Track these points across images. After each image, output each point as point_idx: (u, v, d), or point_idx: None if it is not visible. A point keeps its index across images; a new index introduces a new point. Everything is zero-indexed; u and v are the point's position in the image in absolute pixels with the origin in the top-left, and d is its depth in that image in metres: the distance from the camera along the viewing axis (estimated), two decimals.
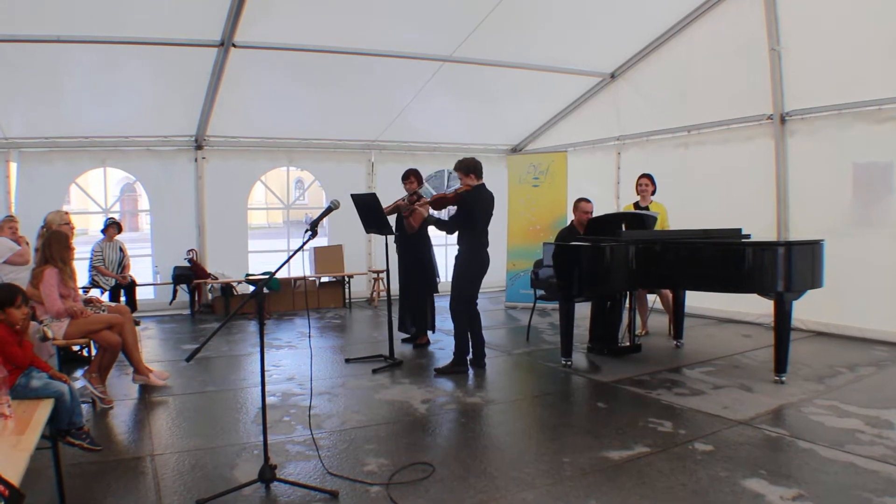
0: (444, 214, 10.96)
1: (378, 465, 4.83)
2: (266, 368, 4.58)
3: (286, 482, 4.40)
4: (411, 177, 8.95)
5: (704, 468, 4.64)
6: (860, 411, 5.87)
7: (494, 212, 7.85)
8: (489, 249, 7.79)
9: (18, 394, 4.34)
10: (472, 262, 7.74)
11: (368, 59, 10.37)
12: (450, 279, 7.98)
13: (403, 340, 9.23)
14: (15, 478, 3.13)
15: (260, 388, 4.48)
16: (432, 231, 8.60)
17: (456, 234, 7.91)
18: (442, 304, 8.08)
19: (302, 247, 4.64)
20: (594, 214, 9.01)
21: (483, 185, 7.79)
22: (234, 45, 9.30)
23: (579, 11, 10.00)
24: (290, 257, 4.71)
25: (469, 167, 7.73)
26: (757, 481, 4.38)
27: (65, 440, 4.52)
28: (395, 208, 8.88)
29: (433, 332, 9.39)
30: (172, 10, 8.54)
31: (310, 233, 4.63)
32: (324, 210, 4.98)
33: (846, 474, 4.51)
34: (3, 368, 4.20)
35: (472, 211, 7.65)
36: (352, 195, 8.13)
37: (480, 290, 7.94)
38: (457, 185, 8.03)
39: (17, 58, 8.88)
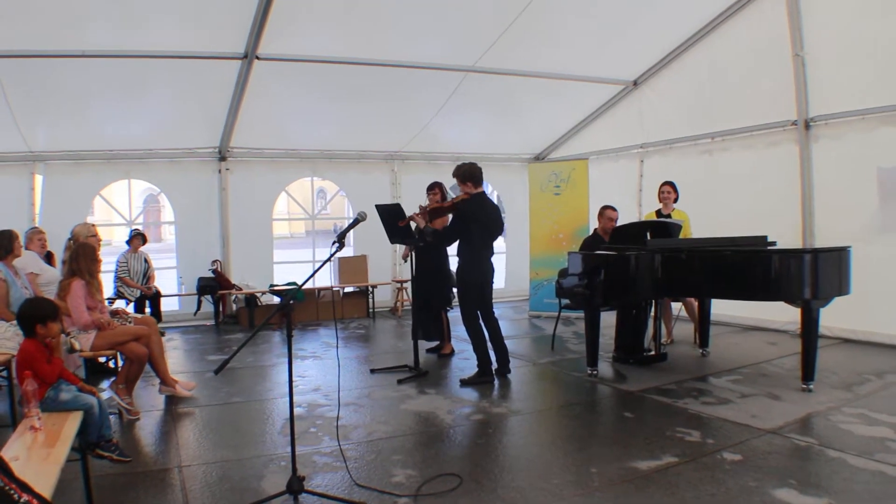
0: None
1: (405, 476, 4.83)
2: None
3: (314, 493, 4.41)
4: (436, 188, 8.90)
5: (734, 478, 4.61)
6: (890, 419, 5.80)
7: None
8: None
9: (48, 406, 4.39)
10: (471, 273, 7.69)
11: (392, 70, 10.40)
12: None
13: (428, 350, 9.22)
14: (47, 490, 3.16)
15: (285, 398, 4.50)
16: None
17: (457, 243, 7.86)
18: (457, 316, 8.04)
19: (330, 258, 4.65)
20: (618, 223, 9.00)
21: (482, 192, 7.73)
22: (257, 58, 9.35)
23: (601, 20, 9.99)
24: (318, 268, 4.72)
25: (465, 174, 7.64)
26: (787, 491, 4.34)
27: (94, 453, 4.55)
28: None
29: (448, 341, 9.35)
30: (196, 24, 8.63)
31: (337, 244, 4.64)
32: (351, 222, 4.98)
33: (876, 483, 4.46)
34: (34, 381, 4.24)
35: (465, 221, 7.60)
36: (376, 205, 8.13)
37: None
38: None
39: (42, 72, 8.98)
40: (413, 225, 8.11)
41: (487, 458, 5.27)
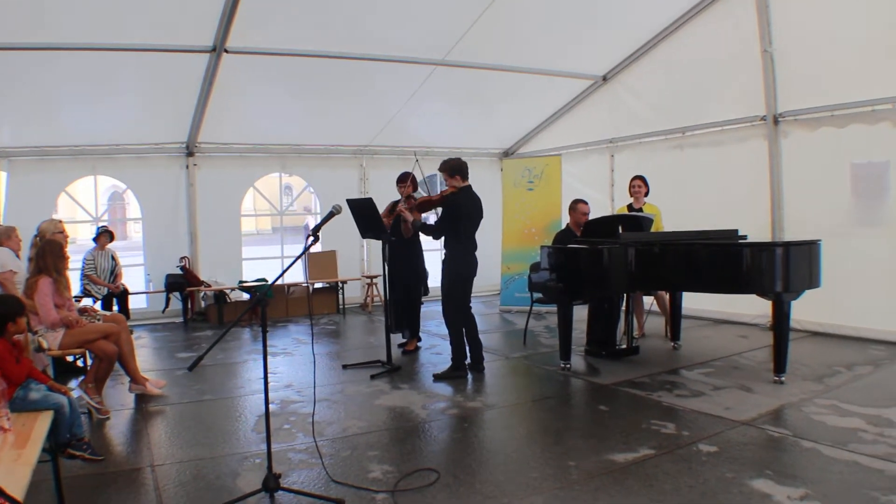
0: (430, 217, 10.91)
1: (382, 471, 4.80)
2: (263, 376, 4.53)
3: (291, 491, 4.36)
4: (408, 179, 8.80)
5: (711, 469, 4.64)
6: (861, 410, 5.88)
7: (487, 215, 7.78)
8: (479, 252, 7.71)
9: (17, 406, 4.29)
10: (460, 267, 7.66)
11: (360, 63, 10.31)
12: (439, 284, 7.90)
13: (399, 345, 9.14)
14: (19, 493, 3.09)
15: (257, 395, 4.44)
16: (424, 236, 8.53)
17: (443, 238, 7.86)
18: (434, 310, 8.00)
19: (305, 251, 4.61)
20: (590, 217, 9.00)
21: (469, 186, 7.71)
22: (226, 51, 9.23)
23: (571, 14, 9.98)
24: (292, 263, 4.66)
25: (454, 168, 7.64)
26: (764, 482, 4.37)
27: (65, 453, 4.47)
28: (392, 211, 8.75)
29: (415, 334, 9.28)
30: (164, 17, 8.46)
31: (312, 238, 4.60)
32: (325, 215, 4.93)
33: (851, 473, 4.51)
34: (2, 381, 4.14)
35: (457, 214, 7.60)
36: (348, 200, 8.06)
37: (474, 294, 7.88)
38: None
39: (6, 66, 8.78)
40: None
41: (464, 452, 5.25)
